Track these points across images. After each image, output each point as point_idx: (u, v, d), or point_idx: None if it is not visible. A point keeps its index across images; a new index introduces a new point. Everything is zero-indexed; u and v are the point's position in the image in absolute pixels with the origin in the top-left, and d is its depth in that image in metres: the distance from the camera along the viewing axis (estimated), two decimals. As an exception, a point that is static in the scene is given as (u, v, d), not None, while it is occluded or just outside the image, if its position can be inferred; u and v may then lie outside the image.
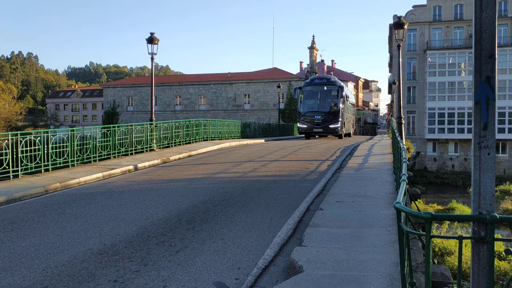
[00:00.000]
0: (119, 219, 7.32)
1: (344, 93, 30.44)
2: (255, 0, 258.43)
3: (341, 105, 29.25)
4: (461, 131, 47.61)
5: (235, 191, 9.51)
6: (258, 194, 9.22)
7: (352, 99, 40.33)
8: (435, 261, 12.58)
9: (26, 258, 5.54)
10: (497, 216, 2.82)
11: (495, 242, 2.95)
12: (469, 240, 3.00)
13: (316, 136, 31.74)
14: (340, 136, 30.39)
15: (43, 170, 12.08)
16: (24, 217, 7.66)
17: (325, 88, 29.72)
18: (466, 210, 26.93)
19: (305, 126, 29.80)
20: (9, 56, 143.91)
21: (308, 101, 30.04)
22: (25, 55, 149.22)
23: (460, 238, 2.96)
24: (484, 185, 2.94)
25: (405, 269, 3.47)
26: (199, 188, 10.06)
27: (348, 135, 34.62)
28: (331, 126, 28.91)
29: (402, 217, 3.44)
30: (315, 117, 29.12)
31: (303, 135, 32.14)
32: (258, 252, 5.63)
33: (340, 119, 28.88)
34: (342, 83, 31.67)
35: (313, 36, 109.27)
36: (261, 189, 9.81)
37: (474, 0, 2.88)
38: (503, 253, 12.68)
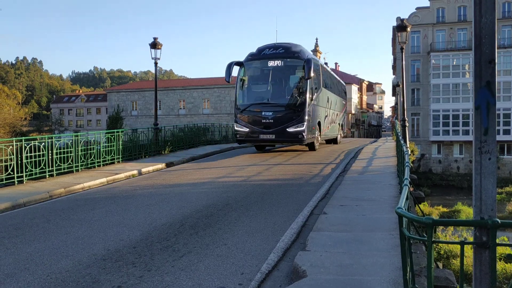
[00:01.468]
0: (123, 224, 7.34)
1: (315, 73, 17.60)
2: (258, 4, 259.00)
3: (308, 94, 16.64)
4: (466, 133, 47.42)
5: (239, 195, 9.51)
6: (262, 198, 9.23)
7: (339, 86, 26.26)
8: (440, 264, 12.54)
9: (30, 264, 5.57)
10: (499, 221, 2.82)
11: (498, 246, 2.94)
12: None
13: (266, 147, 19.79)
14: (311, 146, 18.38)
15: (47, 176, 12.14)
16: (29, 222, 7.70)
17: (282, 63, 16.88)
18: (472, 213, 26.78)
19: (246, 129, 16.84)
20: (13, 62, 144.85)
21: (252, 87, 17.42)
22: (29, 60, 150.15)
23: (462, 244, 2.96)
24: (485, 190, 2.94)
25: (407, 274, 3.47)
26: (203, 192, 10.08)
27: (332, 141, 23.80)
28: (291, 129, 16.34)
29: (404, 222, 3.44)
30: (263, 114, 16.57)
31: (250, 145, 20.29)
32: (262, 257, 5.64)
33: (306, 117, 16.49)
34: (312, 55, 18.69)
35: (316, 39, 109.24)
36: (264, 193, 9.82)
37: (474, 6, 2.89)
38: (506, 257, 12.66)
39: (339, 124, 25.11)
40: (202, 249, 5.98)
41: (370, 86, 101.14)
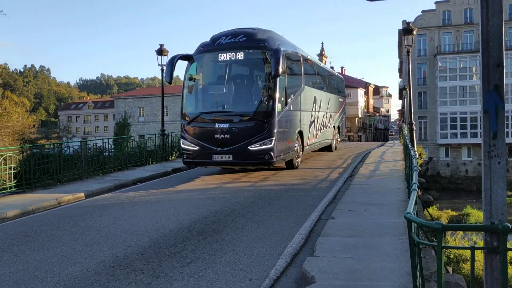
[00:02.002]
0: (131, 231, 7.36)
1: (292, 67, 14.01)
2: (263, 10, 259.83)
3: (279, 97, 12.24)
4: (474, 135, 47.12)
5: (246, 201, 9.50)
6: (269, 204, 9.21)
7: (333, 82, 21.69)
8: (450, 269, 12.43)
9: (39, 271, 5.59)
10: (509, 226, 2.79)
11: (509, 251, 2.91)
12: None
13: (221, 167, 14.31)
14: (289, 164, 14.08)
15: (56, 183, 12.20)
16: (38, 229, 7.73)
17: (242, 56, 12.42)
18: (481, 216, 26.54)
19: (194, 147, 12.48)
20: (22, 70, 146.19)
21: (203, 89, 13.16)
22: (37, 68, 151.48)
23: (472, 249, 2.93)
24: (495, 195, 2.92)
25: (417, 279, 3.44)
26: (210, 198, 10.08)
27: (326, 148, 19.80)
28: (254, 147, 11.98)
29: (413, 227, 3.42)
30: (217, 126, 12.17)
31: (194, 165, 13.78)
32: (270, 263, 5.62)
33: (276, 130, 12.08)
34: (288, 43, 14.22)
35: (322, 43, 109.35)
36: (272, 198, 9.80)
37: (481, 9, 2.88)
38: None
39: (334, 127, 20.82)
40: (210, 255, 5.97)
41: (377, 90, 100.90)
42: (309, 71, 16.32)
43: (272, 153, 11.95)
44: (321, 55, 70.07)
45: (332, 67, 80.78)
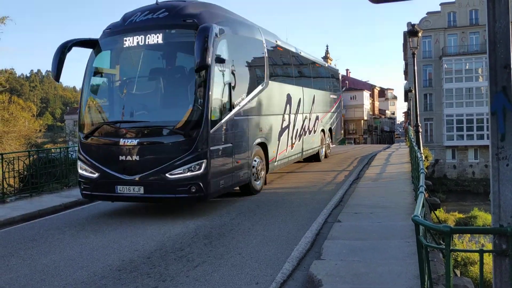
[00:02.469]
0: (137, 234, 7.36)
1: (231, 54, 9.08)
2: (268, 14, 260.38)
3: (213, 95, 8.22)
4: (480, 137, 46.87)
5: (252, 204, 9.49)
6: (275, 207, 9.19)
7: (322, 74, 18.43)
8: (458, 272, 12.34)
9: (46, 275, 5.61)
10: (519, 228, 2.76)
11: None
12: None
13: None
14: (245, 189, 10.32)
15: (62, 187, 12.26)
16: (44, 234, 7.76)
17: (161, 38, 8.40)
18: (489, 218, 26.39)
19: (93, 174, 8.50)
20: (28, 75, 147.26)
21: (108, 89, 9.51)
22: (43, 73, 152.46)
23: (481, 252, 2.91)
24: (504, 197, 2.89)
25: (425, 283, 3.42)
26: (216, 201, 10.07)
27: (313, 158, 16.53)
28: (175, 175, 7.96)
29: (421, 230, 3.40)
30: (123, 141, 8.21)
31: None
32: (276, 266, 5.60)
33: (208, 148, 8.14)
34: (222, 22, 8.87)
35: (327, 46, 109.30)
36: (278, 201, 9.78)
37: (487, 11, 2.86)
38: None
39: (324, 130, 17.24)
40: (216, 259, 5.96)
41: (382, 92, 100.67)
42: (278, 61, 12.73)
43: (202, 183, 8.00)
44: (326, 58, 70.04)
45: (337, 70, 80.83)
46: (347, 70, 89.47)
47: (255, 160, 10.35)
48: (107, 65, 9.33)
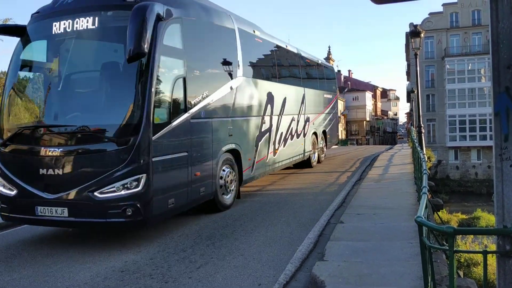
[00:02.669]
0: (140, 235, 7.37)
1: (187, 42, 7.50)
2: (269, 12, 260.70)
3: (155, 93, 6.54)
4: (483, 138, 46.74)
5: (254, 205, 9.49)
6: (278, 208, 9.19)
7: (313, 71, 16.78)
8: (461, 273, 12.30)
9: (49, 276, 5.61)
10: (522, 229, 2.75)
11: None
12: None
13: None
14: (211, 206, 8.62)
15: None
16: (48, 235, 7.77)
17: (92, 22, 6.71)
18: (492, 219, 26.33)
19: (11, 191, 6.79)
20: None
21: (34, 84, 7.67)
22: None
23: (485, 253, 2.90)
24: (507, 198, 2.88)
25: (429, 284, 3.41)
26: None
27: (305, 164, 15.27)
28: (106, 193, 6.24)
29: (424, 231, 3.39)
30: (44, 151, 6.57)
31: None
32: (279, 267, 5.60)
33: (150, 159, 6.40)
34: (172, 3, 7.15)
35: (329, 47, 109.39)
36: (280, 202, 9.78)
37: (490, 11, 2.86)
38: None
39: (316, 133, 15.73)
40: (219, 260, 5.96)
41: (384, 93, 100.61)
42: (256, 54, 11.19)
43: (140, 204, 6.34)
44: (328, 59, 70.03)
45: (339, 71, 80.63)
46: (349, 71, 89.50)
47: (223, 170, 8.78)
48: (33, 56, 7.65)
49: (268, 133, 11.22)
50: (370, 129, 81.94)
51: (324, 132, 17.04)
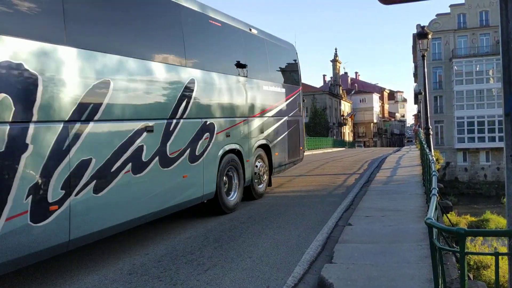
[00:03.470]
0: (148, 237, 7.38)
1: None
2: (277, 13, 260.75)
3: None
4: (492, 139, 46.40)
5: (262, 208, 9.47)
6: (286, 210, 9.17)
7: (244, 42, 9.93)
8: (471, 275, 12.18)
9: (58, 279, 5.63)
10: (535, 231, 2.72)
11: (534, 257, 2.84)
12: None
13: None
14: None
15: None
16: (56, 238, 7.79)
17: None
18: (501, 222, 26.10)
19: None
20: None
21: None
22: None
23: (496, 255, 2.86)
24: (519, 199, 2.85)
25: (439, 286, 3.37)
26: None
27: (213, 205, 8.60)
28: None
29: (434, 233, 3.35)
30: None
31: None
32: (287, 270, 5.57)
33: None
34: None
35: (336, 49, 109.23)
36: (288, 204, 9.76)
37: (500, 11, 2.83)
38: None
39: (238, 152, 9.24)
40: (227, 263, 5.95)
41: (392, 95, 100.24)
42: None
43: None
44: (334, 61, 69.90)
45: (345, 72, 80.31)
46: (356, 72, 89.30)
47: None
48: None
49: (59, 162, 5.06)
50: (377, 131, 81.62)
51: (265, 147, 10.64)
